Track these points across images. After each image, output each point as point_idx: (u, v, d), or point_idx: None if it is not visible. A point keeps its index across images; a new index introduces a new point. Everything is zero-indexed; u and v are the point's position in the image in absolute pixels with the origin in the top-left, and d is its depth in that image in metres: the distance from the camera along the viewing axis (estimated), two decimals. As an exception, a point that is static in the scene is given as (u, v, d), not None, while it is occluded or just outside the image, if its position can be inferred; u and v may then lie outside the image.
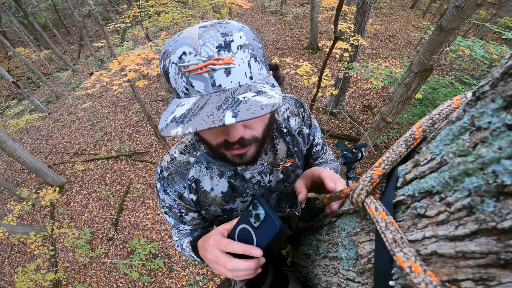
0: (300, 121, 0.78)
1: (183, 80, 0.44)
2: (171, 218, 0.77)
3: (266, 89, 0.44)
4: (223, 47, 0.43)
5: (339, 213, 0.53)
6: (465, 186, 0.24)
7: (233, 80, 0.44)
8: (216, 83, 0.43)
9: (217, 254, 0.52)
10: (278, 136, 0.75)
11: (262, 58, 0.48)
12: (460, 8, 2.15)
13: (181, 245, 0.81)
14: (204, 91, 0.44)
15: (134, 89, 3.56)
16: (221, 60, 0.42)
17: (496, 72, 0.23)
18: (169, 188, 0.69)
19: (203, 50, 0.42)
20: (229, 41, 0.43)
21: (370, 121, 5.85)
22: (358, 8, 3.94)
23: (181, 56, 0.44)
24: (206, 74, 0.43)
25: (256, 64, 0.46)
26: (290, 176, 0.80)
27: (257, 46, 0.47)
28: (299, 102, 0.79)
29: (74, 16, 10.79)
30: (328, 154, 0.94)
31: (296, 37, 9.31)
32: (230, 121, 0.38)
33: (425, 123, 0.34)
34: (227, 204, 0.74)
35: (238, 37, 0.44)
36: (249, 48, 0.45)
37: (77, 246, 4.74)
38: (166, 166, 0.69)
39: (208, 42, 0.43)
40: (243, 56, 0.44)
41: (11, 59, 13.47)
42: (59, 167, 6.50)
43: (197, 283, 4.05)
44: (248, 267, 0.50)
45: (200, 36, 0.43)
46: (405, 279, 0.31)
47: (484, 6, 10.42)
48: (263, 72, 0.49)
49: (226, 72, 0.43)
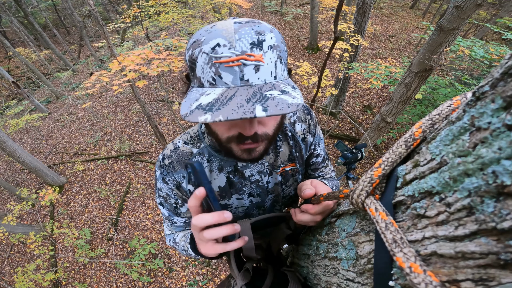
0: (306, 128, 0.78)
1: (212, 70, 0.45)
2: (165, 210, 0.77)
3: (289, 90, 0.46)
4: (256, 44, 0.45)
5: (339, 214, 0.53)
6: (465, 186, 0.24)
7: (260, 77, 0.46)
8: (245, 78, 0.45)
9: (197, 234, 0.52)
10: (282, 139, 0.75)
11: (285, 61, 0.51)
12: (460, 8, 2.15)
13: (173, 239, 0.80)
14: (232, 83, 0.45)
15: (134, 89, 3.56)
16: (252, 57, 0.44)
17: (496, 72, 0.23)
18: (168, 177, 0.69)
19: (237, 44, 0.44)
20: (261, 40, 0.45)
21: (370, 121, 5.86)
22: (358, 8, 3.94)
23: (214, 47, 0.45)
24: (237, 67, 0.44)
25: (281, 65, 0.48)
26: (289, 180, 0.80)
27: (283, 49, 0.50)
28: (307, 109, 0.79)
29: (74, 16, 10.79)
30: (328, 169, 0.92)
31: (296, 37, 9.32)
32: (261, 114, 0.39)
33: (425, 124, 0.34)
34: (223, 199, 0.74)
35: (269, 38, 0.46)
36: (277, 49, 0.47)
37: (77, 246, 4.74)
38: (169, 154, 0.69)
39: (243, 37, 0.45)
40: (271, 56, 0.46)
41: (11, 59, 13.47)
42: (59, 167, 6.50)
43: (197, 283, 4.05)
44: (211, 218, 0.48)
45: (236, 31, 0.45)
46: (405, 280, 0.31)
47: (484, 6, 10.43)
48: (285, 74, 0.51)
49: (256, 69, 0.45)
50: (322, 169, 0.90)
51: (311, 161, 0.86)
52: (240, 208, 0.78)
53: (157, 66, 2.67)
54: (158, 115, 6.90)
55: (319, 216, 0.59)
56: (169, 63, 2.77)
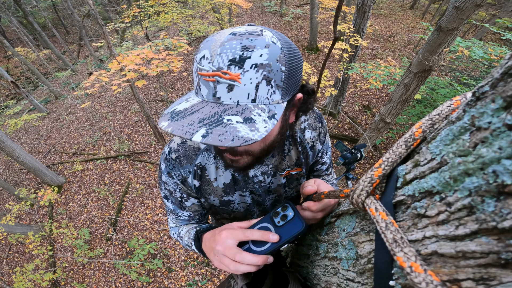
0: (316, 136, 0.77)
1: (196, 79, 0.47)
2: (170, 203, 0.77)
3: (258, 119, 0.43)
4: (236, 62, 0.42)
5: (338, 213, 0.53)
6: (465, 186, 0.24)
7: (233, 97, 0.43)
8: (217, 95, 0.44)
9: (229, 245, 0.53)
10: (292, 143, 0.75)
11: (279, 83, 0.45)
12: (459, 8, 2.16)
13: (178, 232, 0.80)
14: (206, 97, 0.45)
15: (133, 89, 3.56)
16: (227, 75, 0.42)
17: (496, 72, 0.23)
18: (174, 171, 0.69)
19: (216, 59, 0.43)
20: (245, 57, 0.42)
21: (369, 121, 5.86)
22: (357, 8, 3.94)
23: (201, 58, 0.45)
24: (212, 83, 0.44)
25: (266, 88, 0.44)
26: (293, 182, 0.80)
27: (277, 69, 0.44)
28: (319, 116, 0.78)
29: (73, 16, 10.77)
30: (331, 177, 0.93)
31: (295, 37, 9.32)
32: (196, 139, 0.39)
33: (424, 124, 0.34)
34: (226, 196, 0.75)
35: (257, 55, 0.42)
36: (265, 69, 0.43)
37: (76, 246, 4.73)
38: (176, 148, 0.69)
39: (224, 53, 0.42)
40: (253, 77, 0.42)
41: (10, 59, 13.43)
42: (57, 167, 6.48)
43: (196, 283, 4.05)
44: (256, 262, 0.51)
45: (222, 44, 0.43)
46: (405, 279, 0.31)
47: (483, 6, 10.46)
48: (274, 97, 0.46)
49: (229, 88, 0.43)
50: (325, 176, 0.90)
51: (315, 168, 0.87)
52: (242, 204, 0.79)
53: (156, 66, 2.67)
54: (158, 115, 6.89)
55: (320, 214, 0.59)
56: (168, 63, 2.77)
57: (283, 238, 0.53)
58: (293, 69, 0.47)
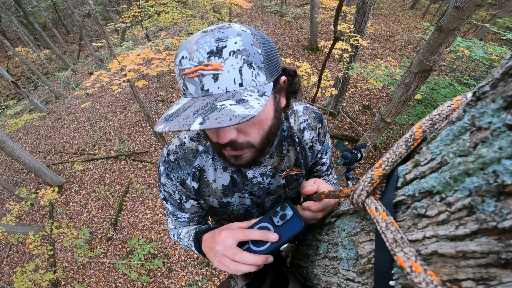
0: (315, 136, 0.77)
1: (181, 81, 0.48)
2: (170, 205, 0.77)
3: (250, 98, 0.44)
4: (214, 53, 0.44)
5: (339, 213, 0.53)
6: (465, 186, 0.24)
7: (220, 86, 0.45)
8: (205, 88, 0.45)
9: (229, 245, 0.53)
10: (290, 144, 0.74)
11: (260, 64, 0.47)
12: (459, 8, 2.15)
13: (177, 234, 0.80)
14: (195, 94, 0.47)
15: (134, 89, 3.56)
16: (210, 66, 0.44)
17: (496, 72, 0.23)
18: (172, 173, 0.69)
19: (195, 55, 0.44)
20: (221, 47, 0.44)
21: (370, 121, 5.86)
22: (358, 8, 3.94)
23: (180, 60, 0.46)
24: (197, 78, 0.45)
25: (249, 71, 0.46)
26: (293, 183, 0.80)
27: (254, 52, 0.46)
28: (319, 116, 0.77)
29: (74, 16, 10.78)
30: (331, 177, 0.92)
31: (296, 37, 9.32)
32: (195, 127, 0.39)
33: (425, 124, 0.34)
34: (225, 197, 0.75)
35: (232, 43, 0.44)
36: (243, 54, 0.45)
37: (76, 246, 4.73)
38: (174, 150, 0.69)
39: (201, 48, 0.44)
40: (234, 62, 0.44)
41: (10, 59, 13.44)
42: (58, 167, 6.49)
43: (196, 283, 4.05)
44: (256, 262, 0.51)
45: (196, 41, 0.45)
46: (405, 279, 0.31)
47: (484, 6, 10.45)
48: (260, 79, 0.47)
49: (214, 78, 0.44)
50: (325, 177, 0.90)
51: (315, 169, 0.86)
52: (241, 205, 0.79)
53: (156, 66, 2.67)
54: (158, 115, 6.90)
55: (320, 213, 0.59)
56: (168, 63, 2.77)
57: (282, 237, 0.54)
58: (269, 51, 0.50)
